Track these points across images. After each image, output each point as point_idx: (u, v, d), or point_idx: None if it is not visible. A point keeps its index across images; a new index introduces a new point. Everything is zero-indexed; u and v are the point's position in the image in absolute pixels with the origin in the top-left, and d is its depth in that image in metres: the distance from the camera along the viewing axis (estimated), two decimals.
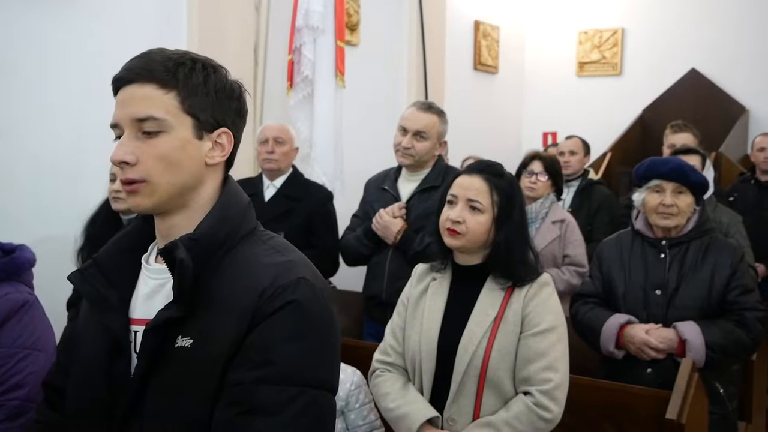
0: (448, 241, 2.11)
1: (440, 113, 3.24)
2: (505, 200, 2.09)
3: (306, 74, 4.08)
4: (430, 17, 5.68)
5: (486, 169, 2.14)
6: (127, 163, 1.20)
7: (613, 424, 2.39)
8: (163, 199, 1.23)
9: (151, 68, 1.21)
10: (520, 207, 2.14)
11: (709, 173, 3.53)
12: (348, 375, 2.31)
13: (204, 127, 1.25)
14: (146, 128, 1.21)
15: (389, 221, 3.15)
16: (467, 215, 2.07)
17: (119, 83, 1.23)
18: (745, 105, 6.72)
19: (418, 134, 3.17)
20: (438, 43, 5.88)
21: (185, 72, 1.23)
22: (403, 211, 3.17)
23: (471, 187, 2.10)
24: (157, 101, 1.21)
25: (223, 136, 1.28)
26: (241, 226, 1.28)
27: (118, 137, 1.23)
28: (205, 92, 1.24)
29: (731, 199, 4.87)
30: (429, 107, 3.26)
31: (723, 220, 3.52)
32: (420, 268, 2.26)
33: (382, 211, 3.17)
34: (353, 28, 5.12)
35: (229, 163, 1.32)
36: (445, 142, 3.30)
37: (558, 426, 2.02)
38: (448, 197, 2.14)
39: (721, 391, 2.64)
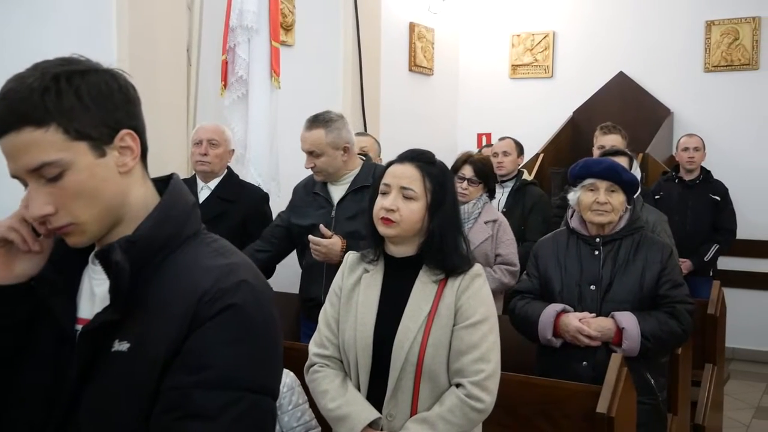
0: (383, 230, 2.08)
1: (326, 122, 3.11)
2: (438, 187, 2.08)
3: (240, 74, 4.03)
4: (365, 18, 5.68)
5: (418, 156, 2.13)
6: (48, 214, 1.14)
7: (548, 420, 2.43)
8: (96, 230, 1.18)
9: (17, 110, 1.09)
10: (453, 194, 2.14)
11: (636, 173, 3.63)
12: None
13: (101, 142, 1.15)
14: (46, 174, 1.12)
15: (328, 243, 3.01)
16: (401, 203, 2.05)
17: None
18: (670, 107, 6.91)
19: (311, 153, 3.13)
20: (373, 44, 5.88)
21: (52, 98, 1.10)
22: (330, 232, 3.05)
23: (404, 175, 2.09)
24: (42, 144, 1.10)
25: (126, 137, 1.18)
26: (184, 228, 1.24)
27: (25, 185, 1.16)
28: (84, 108, 1.12)
29: (657, 197, 5.02)
30: (313, 121, 3.14)
31: (649, 219, 3.61)
32: (351, 257, 2.23)
33: (314, 240, 3.01)
34: (288, 28, 5.09)
35: (143, 154, 1.24)
36: (348, 147, 3.15)
37: (493, 423, 2.04)
38: (381, 187, 2.11)
39: (652, 381, 2.74)
